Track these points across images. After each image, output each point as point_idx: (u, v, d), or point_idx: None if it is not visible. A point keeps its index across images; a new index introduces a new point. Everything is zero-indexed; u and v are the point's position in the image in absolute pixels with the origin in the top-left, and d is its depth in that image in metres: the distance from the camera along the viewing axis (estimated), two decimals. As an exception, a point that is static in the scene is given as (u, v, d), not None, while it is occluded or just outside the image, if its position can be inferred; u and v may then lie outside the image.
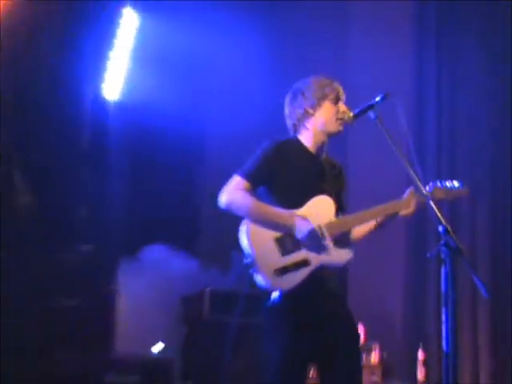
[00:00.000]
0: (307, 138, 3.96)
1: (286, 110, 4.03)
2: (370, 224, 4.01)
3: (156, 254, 6.76)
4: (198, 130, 7.64)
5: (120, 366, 5.60)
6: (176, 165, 7.37)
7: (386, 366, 6.69)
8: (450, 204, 6.86)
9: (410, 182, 3.74)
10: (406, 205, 3.93)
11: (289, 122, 4.03)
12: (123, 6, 7.08)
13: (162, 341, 6.63)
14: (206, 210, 7.68)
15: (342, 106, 3.94)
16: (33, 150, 6.26)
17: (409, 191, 3.95)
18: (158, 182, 7.24)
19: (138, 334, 6.45)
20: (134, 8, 7.13)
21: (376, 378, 6.53)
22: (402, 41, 7.55)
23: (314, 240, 3.68)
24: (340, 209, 3.92)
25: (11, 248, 5.68)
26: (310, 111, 3.93)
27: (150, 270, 6.57)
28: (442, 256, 3.30)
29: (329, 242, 3.74)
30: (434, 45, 7.49)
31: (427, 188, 3.90)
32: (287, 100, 4.03)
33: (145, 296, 6.46)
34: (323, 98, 3.93)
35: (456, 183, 4.04)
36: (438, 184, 3.98)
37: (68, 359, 5.39)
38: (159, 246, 6.83)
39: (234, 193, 3.76)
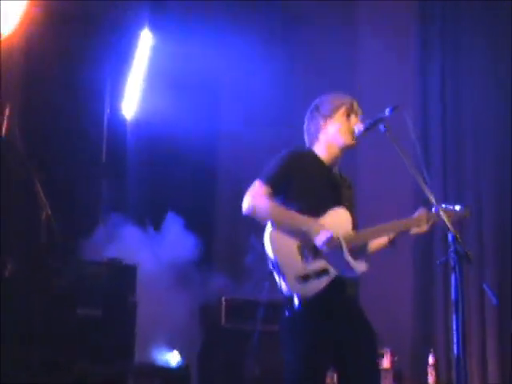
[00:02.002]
0: (321, 150, 4.03)
1: (305, 126, 4.13)
2: (382, 240, 4.10)
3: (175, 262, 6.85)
4: (210, 142, 7.77)
5: (139, 373, 5.68)
6: (190, 176, 7.51)
7: (397, 371, 6.77)
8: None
9: (417, 193, 3.89)
10: (418, 223, 3.98)
11: (305, 137, 4.12)
12: (141, 29, 7.30)
13: (179, 349, 6.72)
14: (221, 220, 7.84)
15: (353, 120, 4.00)
16: (54, 164, 6.46)
17: (420, 210, 4.00)
18: (174, 191, 7.36)
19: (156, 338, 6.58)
20: (149, 29, 7.36)
21: (388, 382, 6.62)
22: (407, 41, 7.68)
23: (332, 248, 3.74)
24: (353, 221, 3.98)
25: (33, 260, 5.84)
26: (322, 124, 4.02)
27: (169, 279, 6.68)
28: (452, 263, 3.38)
29: (346, 253, 3.81)
30: (438, 45, 7.60)
31: (433, 210, 3.94)
32: (306, 116, 4.13)
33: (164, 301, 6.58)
34: (335, 111, 4.02)
35: (458, 207, 4.05)
36: (443, 206, 3.93)
37: (89, 368, 5.48)
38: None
39: (255, 198, 3.81)
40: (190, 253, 6.90)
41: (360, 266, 3.86)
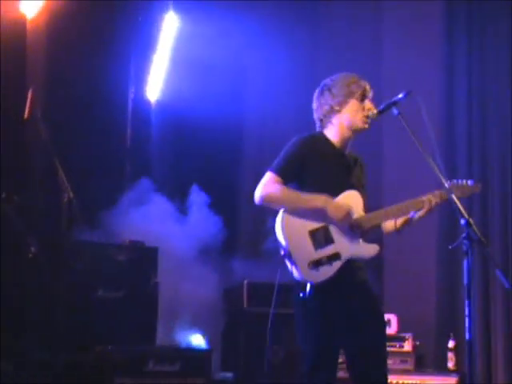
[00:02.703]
0: (333, 133, 4.04)
1: (314, 105, 4.12)
2: (398, 221, 4.07)
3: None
4: (234, 125, 7.76)
5: (160, 355, 5.70)
6: (215, 159, 7.51)
7: (418, 355, 6.73)
8: (480, 199, 7.00)
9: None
10: (427, 202, 3.96)
11: (315, 116, 4.12)
12: (166, 11, 7.33)
13: (201, 331, 6.75)
14: (245, 203, 7.82)
15: (367, 104, 4.02)
16: (77, 148, 6.50)
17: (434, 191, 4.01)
18: (198, 174, 7.37)
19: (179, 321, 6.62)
20: (174, 12, 7.39)
21: (409, 366, 6.58)
22: (433, 38, 7.55)
23: (347, 219, 3.80)
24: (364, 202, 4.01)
25: (55, 242, 5.89)
26: (336, 108, 4.01)
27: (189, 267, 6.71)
28: (464, 248, 3.47)
29: (358, 236, 3.86)
30: (464, 31, 7.46)
31: (446, 185, 3.90)
32: (315, 95, 4.12)
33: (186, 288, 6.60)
34: (349, 95, 4.01)
35: (469, 181, 4.07)
36: (455, 182, 4.01)
37: (110, 350, 5.52)
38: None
39: (266, 187, 3.85)
40: (214, 234, 6.92)
41: (371, 249, 3.91)
